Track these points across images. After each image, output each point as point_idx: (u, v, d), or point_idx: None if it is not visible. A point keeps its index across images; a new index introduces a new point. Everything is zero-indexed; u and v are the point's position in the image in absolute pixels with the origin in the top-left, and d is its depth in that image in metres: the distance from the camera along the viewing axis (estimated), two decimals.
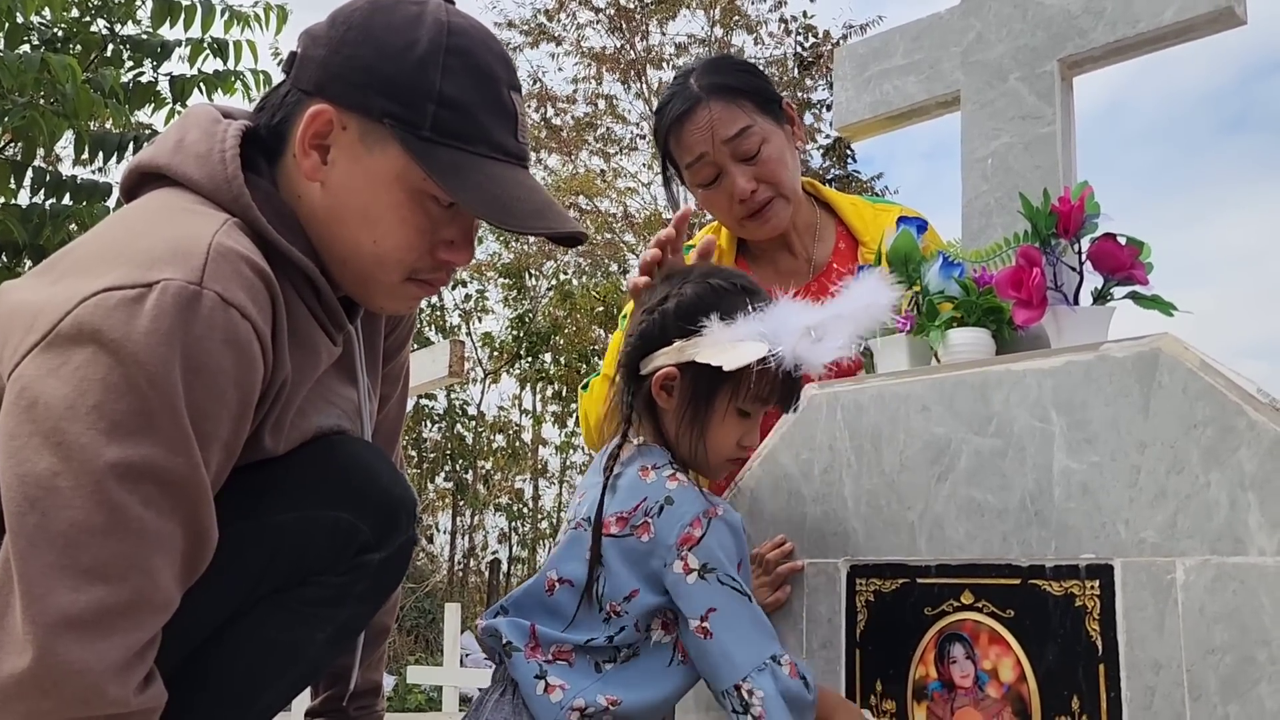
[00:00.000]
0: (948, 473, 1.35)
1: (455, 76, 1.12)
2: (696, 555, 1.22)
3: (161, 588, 0.96)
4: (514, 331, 13.28)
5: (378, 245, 1.14)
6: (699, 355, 1.27)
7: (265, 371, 1.03)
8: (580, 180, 13.04)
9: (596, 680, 1.24)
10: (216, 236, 1.01)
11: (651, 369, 1.32)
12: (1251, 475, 1.13)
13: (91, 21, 4.01)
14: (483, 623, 1.32)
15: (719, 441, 1.32)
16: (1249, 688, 1.09)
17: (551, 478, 14.07)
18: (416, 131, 1.11)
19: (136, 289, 0.95)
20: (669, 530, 1.24)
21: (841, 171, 13.16)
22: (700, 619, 1.22)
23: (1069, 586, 1.24)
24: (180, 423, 0.95)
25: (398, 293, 1.19)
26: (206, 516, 1.00)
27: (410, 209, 1.14)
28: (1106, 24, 1.50)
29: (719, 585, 1.22)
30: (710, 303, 1.30)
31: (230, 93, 3.90)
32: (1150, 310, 1.34)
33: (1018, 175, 1.55)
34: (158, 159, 1.14)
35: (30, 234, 3.49)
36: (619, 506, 1.28)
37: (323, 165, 1.13)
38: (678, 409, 1.32)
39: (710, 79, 1.86)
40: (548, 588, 1.30)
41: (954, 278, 1.47)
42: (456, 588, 12.66)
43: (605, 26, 13.09)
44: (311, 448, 1.18)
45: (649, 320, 1.34)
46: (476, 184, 1.12)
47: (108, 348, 0.93)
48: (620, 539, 1.26)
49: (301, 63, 1.15)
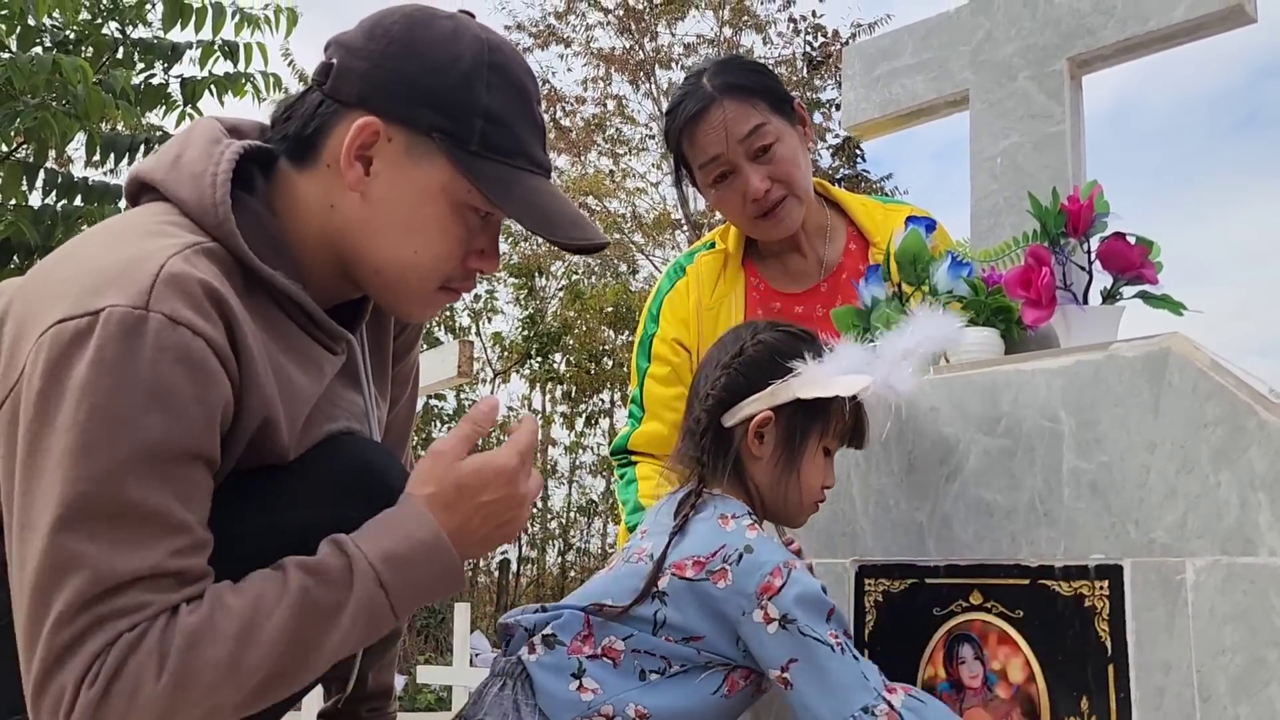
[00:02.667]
0: (956, 473, 1.35)
1: (498, 93, 1.15)
2: (777, 605, 1.21)
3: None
4: (524, 332, 13.30)
5: (419, 255, 1.16)
6: (804, 393, 1.29)
7: (233, 382, 1.03)
8: (589, 181, 13.05)
9: (636, 687, 1.22)
10: (172, 260, 1.01)
11: (742, 418, 1.33)
12: (1262, 475, 1.12)
13: (103, 24, 4.04)
14: (518, 617, 1.30)
15: (810, 483, 1.34)
16: (1259, 689, 1.08)
17: (561, 478, 14.09)
18: (464, 146, 1.13)
19: (85, 318, 0.97)
20: (748, 579, 1.22)
21: (851, 171, 13.14)
22: (781, 669, 1.20)
23: (1078, 587, 1.23)
24: (118, 454, 0.95)
25: (428, 300, 1.22)
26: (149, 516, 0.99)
27: (453, 220, 1.16)
28: (1116, 22, 1.50)
29: (800, 636, 1.19)
30: (795, 345, 1.34)
31: (240, 95, 3.92)
32: (1160, 310, 1.34)
33: (1027, 174, 1.55)
34: (154, 173, 1.16)
35: (42, 235, 3.51)
36: (696, 550, 1.25)
37: (365, 176, 1.14)
38: (773, 454, 1.32)
39: (723, 79, 1.86)
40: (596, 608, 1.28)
41: (963, 277, 1.47)
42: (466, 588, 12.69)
43: (614, 27, 13.10)
44: (321, 448, 1.18)
45: (729, 374, 1.34)
46: (521, 197, 1.15)
47: (59, 386, 0.96)
48: (695, 583, 1.24)
49: (339, 74, 1.16)
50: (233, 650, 0.98)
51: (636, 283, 13.35)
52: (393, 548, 1.06)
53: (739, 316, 1.95)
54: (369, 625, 1.06)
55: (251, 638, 0.99)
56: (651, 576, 1.25)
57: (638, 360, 2.03)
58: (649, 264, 13.47)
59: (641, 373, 2.01)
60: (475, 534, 1.12)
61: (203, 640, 0.97)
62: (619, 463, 2.02)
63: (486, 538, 1.14)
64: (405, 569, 1.07)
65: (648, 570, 1.26)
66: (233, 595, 1.00)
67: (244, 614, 0.99)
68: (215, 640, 0.97)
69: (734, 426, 1.34)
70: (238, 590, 1.01)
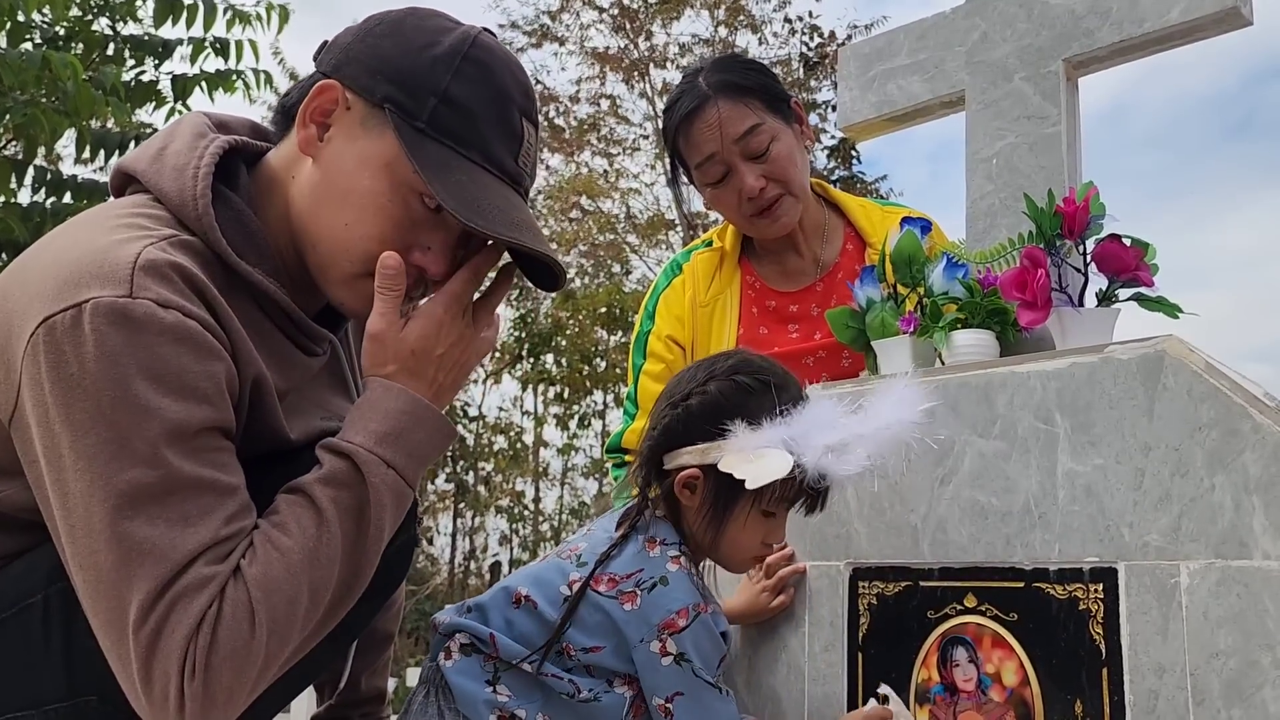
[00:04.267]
0: (951, 475, 1.34)
1: (466, 82, 1.13)
2: (676, 642, 1.23)
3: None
4: (516, 332, 13.28)
5: (349, 229, 1.12)
6: (722, 463, 1.26)
7: (228, 355, 1.04)
8: (583, 181, 13.05)
9: (545, 699, 1.25)
10: (147, 249, 1.01)
11: (675, 465, 1.32)
12: (1256, 479, 1.12)
13: (93, 20, 4.02)
14: (447, 618, 1.31)
15: (741, 544, 1.32)
16: (1253, 692, 1.08)
17: (553, 480, 14.09)
18: (412, 121, 1.11)
19: (69, 311, 0.96)
20: (654, 609, 1.24)
21: (846, 172, 13.17)
22: (665, 699, 1.24)
23: (1073, 590, 1.23)
24: (149, 437, 0.96)
25: (355, 287, 1.15)
26: (213, 489, 1.02)
27: (390, 199, 1.12)
28: (1112, 24, 1.49)
29: (692, 676, 1.24)
30: (736, 404, 1.29)
31: (231, 91, 3.90)
32: (1155, 312, 1.34)
33: (1022, 176, 1.54)
34: (137, 165, 1.15)
35: (31, 232, 3.49)
36: (614, 569, 1.28)
37: (318, 141, 1.13)
38: (699, 508, 1.31)
39: (719, 77, 1.86)
40: (515, 600, 1.30)
41: (958, 279, 1.46)
42: (457, 590, 12.67)
43: (609, 26, 13.10)
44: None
45: (672, 416, 1.32)
46: (456, 182, 1.10)
47: (71, 384, 0.96)
48: (603, 598, 1.26)
49: (328, 47, 1.18)
50: (304, 581, 1.02)
51: (630, 283, 13.36)
52: (380, 428, 1.09)
53: (734, 314, 1.94)
54: (395, 504, 1.10)
55: (314, 564, 1.03)
56: (566, 613, 1.26)
57: (634, 357, 2.03)
58: (643, 265, 13.48)
59: (637, 369, 2.01)
60: (443, 385, 1.15)
61: (276, 584, 1.00)
62: (614, 462, 2.01)
63: (454, 383, 1.17)
64: (400, 440, 1.09)
65: (571, 573, 1.28)
66: (280, 533, 1.03)
67: (299, 547, 1.02)
68: (287, 579, 1.01)
69: (670, 469, 1.33)
70: (281, 525, 1.03)
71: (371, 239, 1.12)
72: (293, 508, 1.04)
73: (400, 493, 1.10)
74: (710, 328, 1.94)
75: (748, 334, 1.94)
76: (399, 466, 1.08)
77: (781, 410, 1.27)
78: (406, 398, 1.10)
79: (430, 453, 1.13)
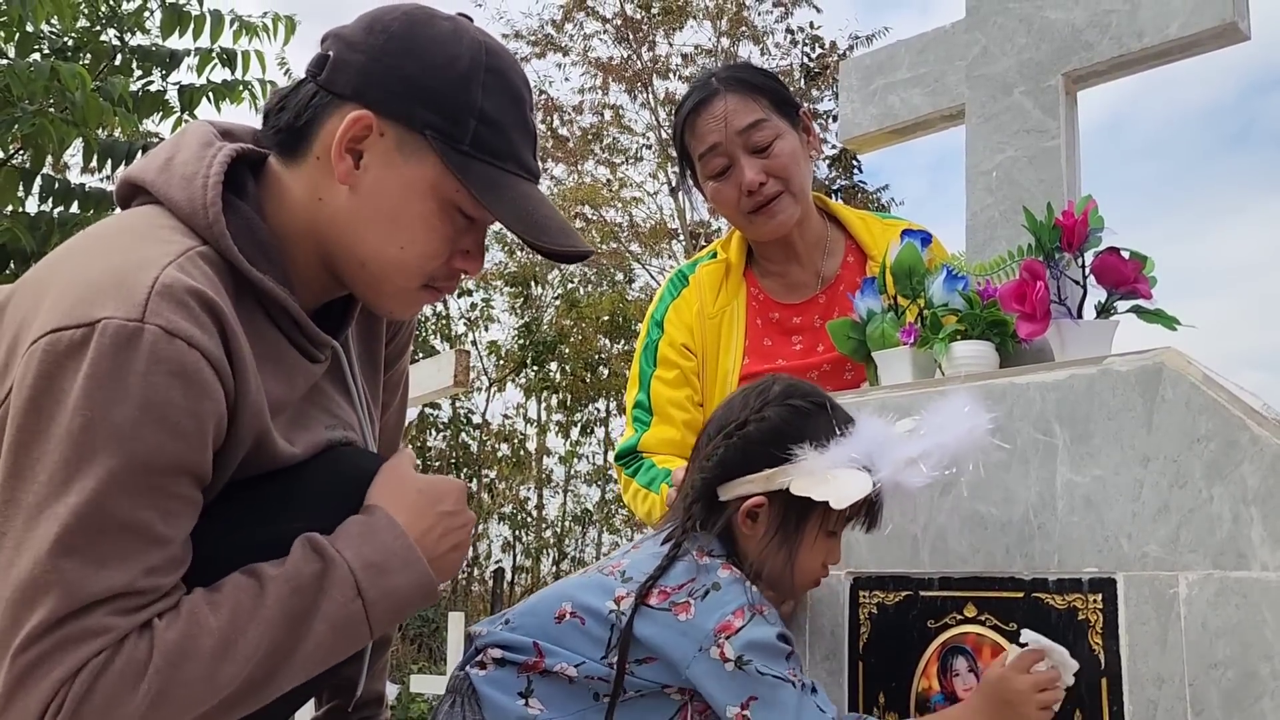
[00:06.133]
0: (951, 485, 1.35)
1: (493, 95, 1.16)
2: (733, 645, 1.19)
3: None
4: (519, 340, 13.29)
5: (404, 251, 1.17)
6: (794, 487, 1.24)
7: (227, 394, 1.04)
8: (586, 190, 13.07)
9: (589, 708, 1.22)
10: (167, 269, 1.01)
11: (734, 496, 1.29)
12: (1254, 490, 1.13)
13: (101, 31, 4.04)
14: (484, 629, 1.30)
15: (807, 566, 1.30)
16: (1251, 703, 1.09)
17: (556, 487, 14.06)
18: (456, 145, 1.14)
19: (81, 329, 0.97)
20: (709, 614, 1.21)
21: (847, 182, 13.18)
22: (740, 707, 1.18)
23: (1072, 600, 1.23)
24: (108, 465, 0.95)
25: (411, 299, 1.22)
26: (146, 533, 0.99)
27: (439, 218, 1.17)
28: (1111, 38, 1.50)
29: (757, 675, 1.18)
30: (798, 428, 1.27)
31: (238, 102, 3.92)
32: (1154, 324, 1.35)
33: (1022, 189, 1.55)
34: (145, 175, 1.16)
35: (38, 242, 3.51)
36: (665, 581, 1.25)
37: (354, 170, 1.15)
38: (764, 536, 1.28)
39: (730, 74, 1.92)
40: (557, 617, 1.27)
41: (958, 291, 1.47)
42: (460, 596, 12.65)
43: (612, 37, 13.13)
44: (321, 459, 1.19)
45: (728, 446, 1.30)
46: (510, 200, 1.16)
47: (52, 397, 0.96)
48: (656, 611, 1.23)
49: (335, 66, 1.16)
50: (210, 666, 0.98)
51: (633, 292, 13.37)
52: (371, 556, 1.08)
53: (741, 326, 1.96)
54: (345, 635, 1.07)
55: (228, 653, 0.99)
56: (627, 626, 1.22)
57: (641, 367, 2.03)
58: (645, 273, 13.49)
59: (646, 377, 2.01)
60: (436, 549, 1.15)
61: (182, 658, 0.97)
62: (627, 464, 2.00)
63: (444, 557, 1.16)
64: (382, 578, 1.09)
65: (616, 589, 1.25)
66: (209, 609, 1.00)
67: (222, 629, 0.99)
68: (195, 657, 0.97)
69: (728, 500, 1.30)
70: (214, 603, 1.01)
71: (428, 257, 1.18)
72: (237, 591, 1.03)
73: (355, 628, 1.07)
74: (718, 339, 1.96)
75: (753, 345, 1.95)
76: (368, 601, 1.07)
77: (840, 428, 1.27)
78: (405, 541, 1.12)
79: (405, 605, 1.12)
